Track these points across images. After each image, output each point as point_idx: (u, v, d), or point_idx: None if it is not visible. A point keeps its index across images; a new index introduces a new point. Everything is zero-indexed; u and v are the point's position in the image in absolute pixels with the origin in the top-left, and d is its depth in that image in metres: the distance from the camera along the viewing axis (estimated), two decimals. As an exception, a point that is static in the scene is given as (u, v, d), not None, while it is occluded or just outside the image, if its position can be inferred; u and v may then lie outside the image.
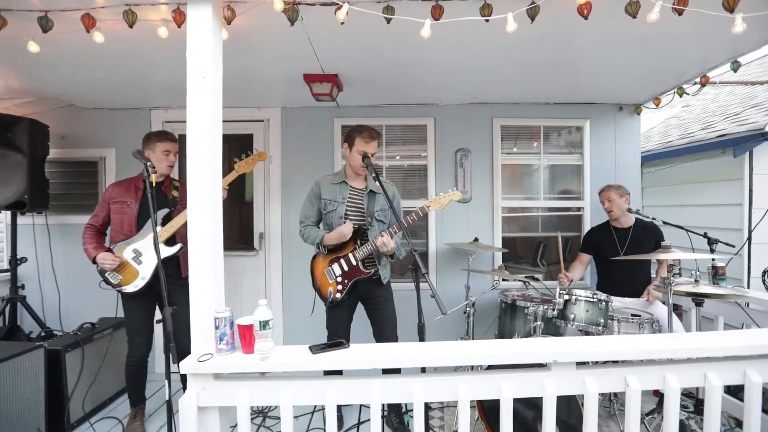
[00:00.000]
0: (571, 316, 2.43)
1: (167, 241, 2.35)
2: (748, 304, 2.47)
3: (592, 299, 2.43)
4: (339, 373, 1.92)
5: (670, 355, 1.60)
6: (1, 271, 3.36)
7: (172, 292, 1.74)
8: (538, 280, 3.07)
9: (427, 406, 1.56)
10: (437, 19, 1.75)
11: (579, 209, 3.61)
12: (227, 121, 1.77)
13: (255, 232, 3.58)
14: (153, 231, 1.81)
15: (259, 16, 1.85)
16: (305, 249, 2.48)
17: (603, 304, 2.42)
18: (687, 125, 5.19)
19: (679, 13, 1.68)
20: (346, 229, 2.31)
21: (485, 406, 2.19)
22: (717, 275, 2.66)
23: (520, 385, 1.53)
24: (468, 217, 3.53)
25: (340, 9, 1.69)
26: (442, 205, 2.31)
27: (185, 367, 1.51)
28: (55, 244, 3.44)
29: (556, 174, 3.69)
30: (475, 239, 3.14)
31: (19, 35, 1.94)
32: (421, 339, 1.81)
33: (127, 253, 2.36)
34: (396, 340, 2.46)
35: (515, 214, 3.64)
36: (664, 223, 2.92)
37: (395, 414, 2.52)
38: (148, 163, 1.89)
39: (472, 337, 2.87)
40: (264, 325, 1.49)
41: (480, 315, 3.24)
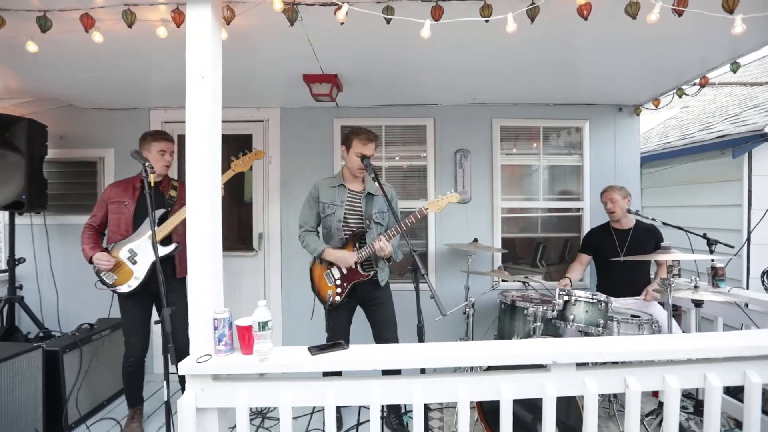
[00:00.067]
0: (571, 316, 2.43)
1: (162, 241, 2.34)
2: (747, 305, 2.47)
3: (591, 300, 2.43)
4: (338, 374, 1.92)
5: (670, 356, 1.60)
6: (-1, 271, 3.35)
7: (168, 292, 1.73)
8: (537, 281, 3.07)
9: (426, 407, 1.56)
10: (437, 20, 1.75)
11: (578, 210, 3.61)
12: (226, 122, 1.76)
13: (254, 233, 3.57)
14: (152, 231, 1.81)
15: (258, 16, 1.84)
16: (304, 250, 2.48)
17: (602, 305, 2.42)
18: (686, 126, 5.20)
19: (679, 14, 1.68)
20: (351, 259, 2.31)
21: (485, 408, 2.19)
22: (716, 276, 2.66)
23: (519, 386, 1.53)
24: (467, 217, 3.53)
25: (339, 9, 1.69)
26: (441, 207, 2.31)
27: (184, 368, 1.50)
28: (54, 245, 3.43)
29: (555, 175, 3.69)
30: (475, 240, 3.14)
31: (17, 35, 1.94)
32: (420, 340, 1.81)
33: (123, 253, 2.35)
34: (396, 341, 2.46)
35: (515, 214, 3.64)
36: (664, 224, 2.92)
37: (394, 415, 2.52)
38: (147, 164, 1.89)
39: (472, 338, 2.87)
40: (263, 326, 1.48)
41: (479, 316, 3.23)
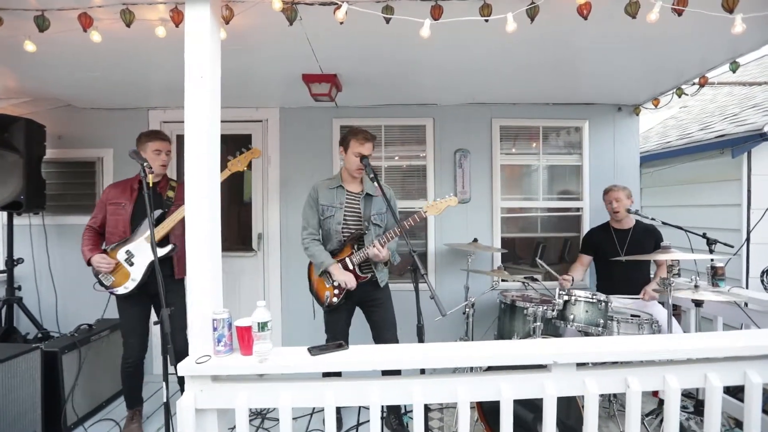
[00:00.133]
0: (571, 316, 2.42)
1: (159, 242, 2.32)
2: (747, 304, 2.48)
3: (591, 300, 2.42)
4: (338, 374, 1.91)
5: (670, 355, 1.60)
6: (-3, 272, 3.34)
7: (166, 293, 1.72)
8: (537, 280, 3.07)
9: (426, 408, 1.55)
10: (437, 19, 1.74)
11: (578, 210, 3.61)
12: (225, 122, 1.76)
13: (253, 233, 3.56)
14: (150, 232, 1.80)
15: (257, 15, 1.84)
16: (304, 251, 2.47)
17: (602, 304, 2.42)
18: (685, 126, 5.20)
19: (679, 13, 1.67)
20: (351, 283, 2.30)
21: (485, 408, 2.19)
22: (716, 275, 2.66)
23: (519, 386, 1.53)
24: (467, 217, 3.53)
25: (339, 9, 1.69)
26: (440, 210, 2.32)
27: (183, 369, 1.50)
28: (52, 245, 3.42)
29: (555, 174, 3.69)
30: (475, 240, 3.13)
31: (15, 34, 1.93)
32: (420, 340, 1.80)
33: (120, 254, 2.35)
34: (396, 341, 2.45)
35: (514, 214, 3.64)
36: (664, 223, 2.91)
37: (394, 415, 2.51)
38: (145, 164, 1.88)
39: (472, 338, 2.86)
40: (262, 326, 1.48)
41: (479, 316, 3.23)
